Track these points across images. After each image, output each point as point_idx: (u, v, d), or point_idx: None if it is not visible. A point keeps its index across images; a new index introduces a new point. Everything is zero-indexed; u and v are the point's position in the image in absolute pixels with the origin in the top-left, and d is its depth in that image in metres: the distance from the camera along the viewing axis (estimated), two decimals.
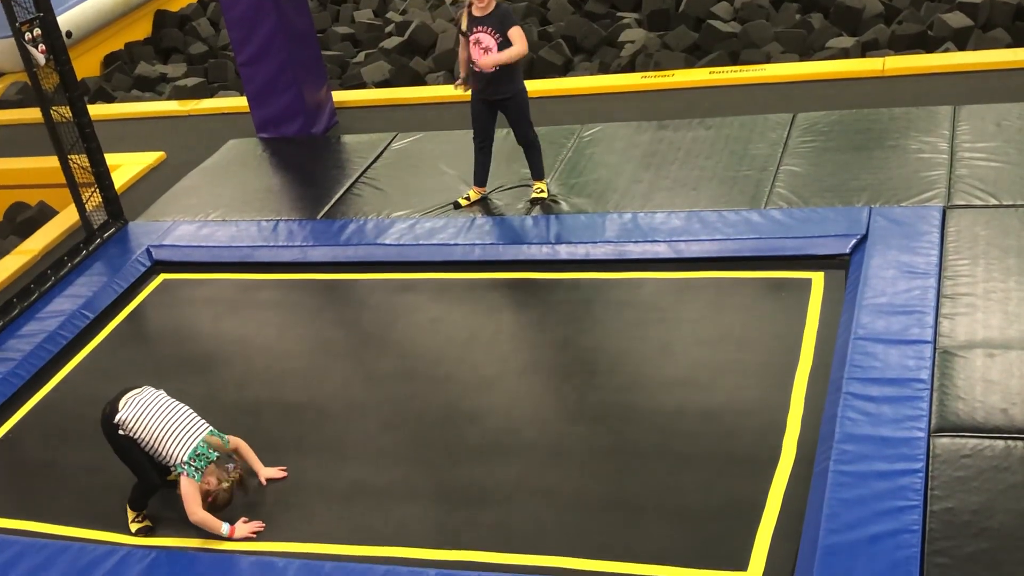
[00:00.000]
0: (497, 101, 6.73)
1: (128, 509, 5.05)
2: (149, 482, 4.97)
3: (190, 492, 4.77)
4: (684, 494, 4.64)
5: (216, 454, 4.86)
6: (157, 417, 4.88)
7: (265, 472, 5.11)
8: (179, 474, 4.80)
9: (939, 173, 6.39)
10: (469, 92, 6.83)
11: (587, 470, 4.89)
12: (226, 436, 5.01)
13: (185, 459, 4.77)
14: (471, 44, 6.60)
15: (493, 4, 6.52)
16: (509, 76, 6.61)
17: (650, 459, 4.88)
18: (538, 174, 7.00)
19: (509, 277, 6.48)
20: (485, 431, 5.25)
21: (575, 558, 4.43)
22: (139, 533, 4.99)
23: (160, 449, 4.84)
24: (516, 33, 6.51)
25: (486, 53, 6.53)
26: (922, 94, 7.56)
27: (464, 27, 6.59)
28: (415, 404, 5.55)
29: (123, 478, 5.34)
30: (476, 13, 6.52)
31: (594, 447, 5.02)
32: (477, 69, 6.62)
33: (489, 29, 6.51)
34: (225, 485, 4.85)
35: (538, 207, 6.91)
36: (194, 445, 4.81)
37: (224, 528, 4.79)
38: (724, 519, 4.48)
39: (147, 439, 4.86)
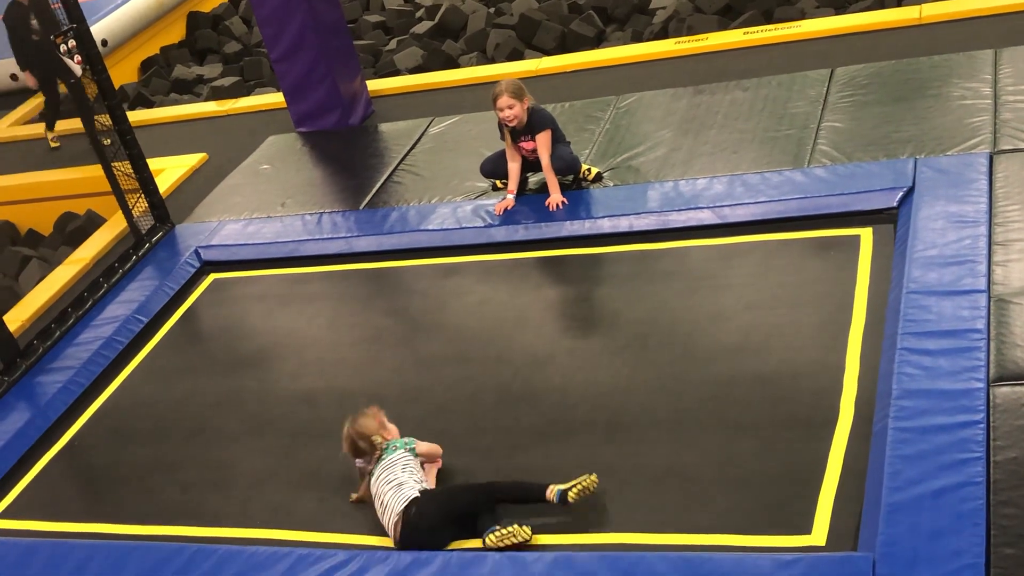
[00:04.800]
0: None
1: None
2: None
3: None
4: (743, 462, 4.62)
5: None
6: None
7: None
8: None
9: (983, 119, 6.28)
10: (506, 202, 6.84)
11: (644, 444, 4.88)
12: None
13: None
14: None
15: (525, 116, 6.58)
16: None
17: (707, 428, 4.86)
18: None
19: (554, 254, 6.47)
20: (541, 411, 5.25)
21: (637, 533, 4.42)
22: None
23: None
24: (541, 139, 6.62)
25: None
26: (961, 39, 7.42)
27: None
28: (469, 387, 5.56)
29: (189, 475, 5.45)
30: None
31: (650, 420, 5.01)
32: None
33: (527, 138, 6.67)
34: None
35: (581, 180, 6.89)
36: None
37: None
38: (785, 484, 4.45)
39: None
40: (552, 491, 4.55)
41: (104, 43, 11.19)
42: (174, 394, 6.19)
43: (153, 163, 8.08)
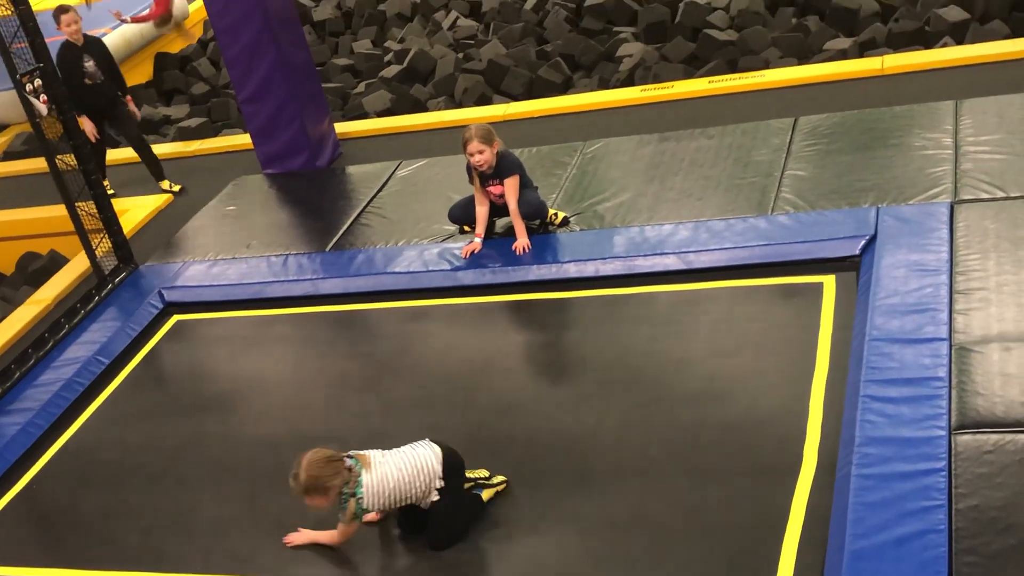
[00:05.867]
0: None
1: None
2: None
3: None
4: (708, 509, 4.62)
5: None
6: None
7: None
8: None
9: (944, 169, 6.38)
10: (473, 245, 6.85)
11: (610, 491, 4.87)
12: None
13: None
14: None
15: (494, 160, 6.60)
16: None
17: (673, 475, 4.86)
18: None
19: (521, 299, 6.48)
20: (507, 458, 5.21)
21: None
22: None
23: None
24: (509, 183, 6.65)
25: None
26: (923, 91, 7.55)
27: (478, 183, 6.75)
28: (435, 434, 5.50)
29: (150, 520, 5.38)
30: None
31: (616, 468, 5.00)
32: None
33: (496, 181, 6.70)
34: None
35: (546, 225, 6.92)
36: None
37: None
38: (750, 531, 4.45)
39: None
40: None
41: None
42: (135, 437, 6.13)
43: (118, 203, 8.06)
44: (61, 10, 8.45)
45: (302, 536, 4.95)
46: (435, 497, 4.68)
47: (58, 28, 8.41)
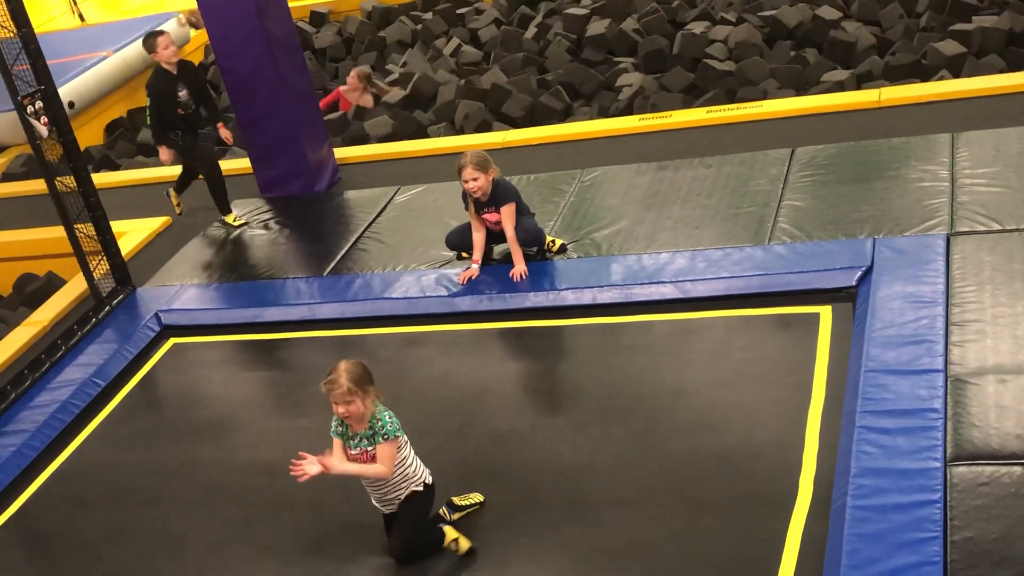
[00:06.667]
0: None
1: None
2: None
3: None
4: (703, 539, 4.62)
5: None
6: None
7: None
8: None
9: (941, 201, 6.41)
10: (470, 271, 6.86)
11: (606, 519, 4.87)
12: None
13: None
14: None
15: (489, 187, 6.61)
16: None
17: (668, 505, 4.86)
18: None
19: (517, 326, 6.48)
20: (502, 486, 5.21)
21: None
22: None
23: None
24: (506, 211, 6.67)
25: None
26: (919, 123, 7.59)
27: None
28: (430, 462, 5.49)
29: (143, 543, 5.36)
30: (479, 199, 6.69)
31: (612, 496, 5.00)
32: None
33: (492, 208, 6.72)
34: None
35: (543, 252, 6.93)
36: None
37: None
38: (745, 562, 4.45)
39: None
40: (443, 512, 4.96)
41: (71, 105, 11.17)
42: (130, 460, 6.12)
43: (116, 225, 8.05)
44: (155, 34, 8.03)
45: (338, 465, 4.78)
46: (418, 488, 4.78)
47: (152, 55, 8.01)
